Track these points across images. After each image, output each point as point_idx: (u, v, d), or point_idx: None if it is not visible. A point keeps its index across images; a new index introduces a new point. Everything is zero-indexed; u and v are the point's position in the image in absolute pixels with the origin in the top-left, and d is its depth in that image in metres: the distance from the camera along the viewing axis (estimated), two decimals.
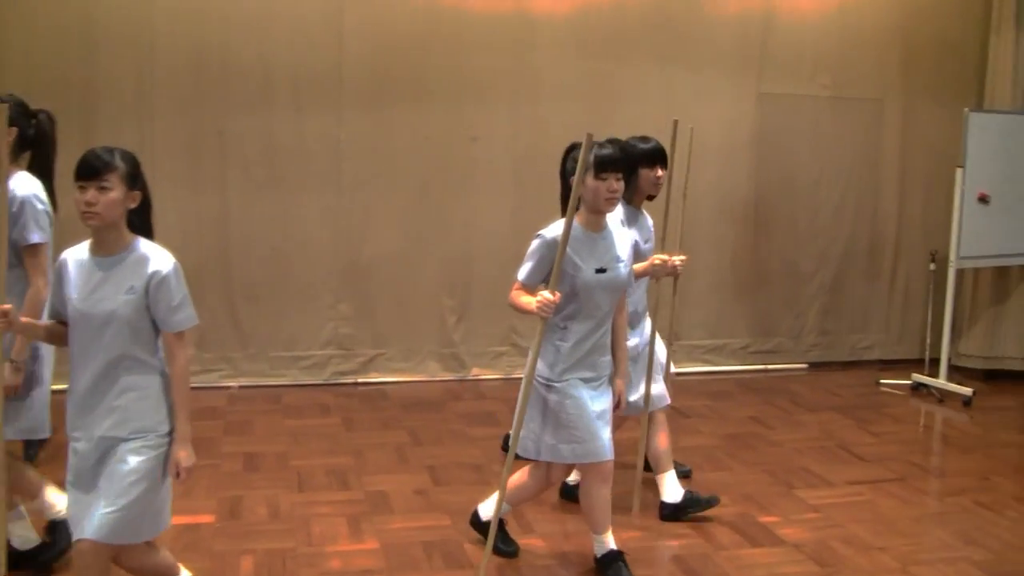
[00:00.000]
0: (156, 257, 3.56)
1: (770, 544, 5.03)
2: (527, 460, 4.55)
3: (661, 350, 5.52)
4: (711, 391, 7.92)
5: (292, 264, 7.66)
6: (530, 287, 4.30)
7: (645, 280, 5.22)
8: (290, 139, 7.55)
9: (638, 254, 4.95)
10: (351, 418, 6.95)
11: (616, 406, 4.49)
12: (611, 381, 4.46)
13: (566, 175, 4.54)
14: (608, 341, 4.42)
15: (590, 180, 4.23)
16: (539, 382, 4.35)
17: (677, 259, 5.10)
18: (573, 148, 4.40)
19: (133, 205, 3.57)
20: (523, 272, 4.36)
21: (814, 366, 8.91)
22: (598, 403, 4.34)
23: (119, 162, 3.54)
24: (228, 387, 7.56)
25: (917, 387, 8.22)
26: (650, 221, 5.34)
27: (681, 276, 5.32)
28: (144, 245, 3.59)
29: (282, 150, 7.55)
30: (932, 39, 8.87)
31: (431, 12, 7.68)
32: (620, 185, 4.27)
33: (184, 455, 3.59)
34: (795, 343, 8.89)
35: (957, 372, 8.66)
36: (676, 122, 4.47)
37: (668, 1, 8.18)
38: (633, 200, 5.21)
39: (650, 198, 5.32)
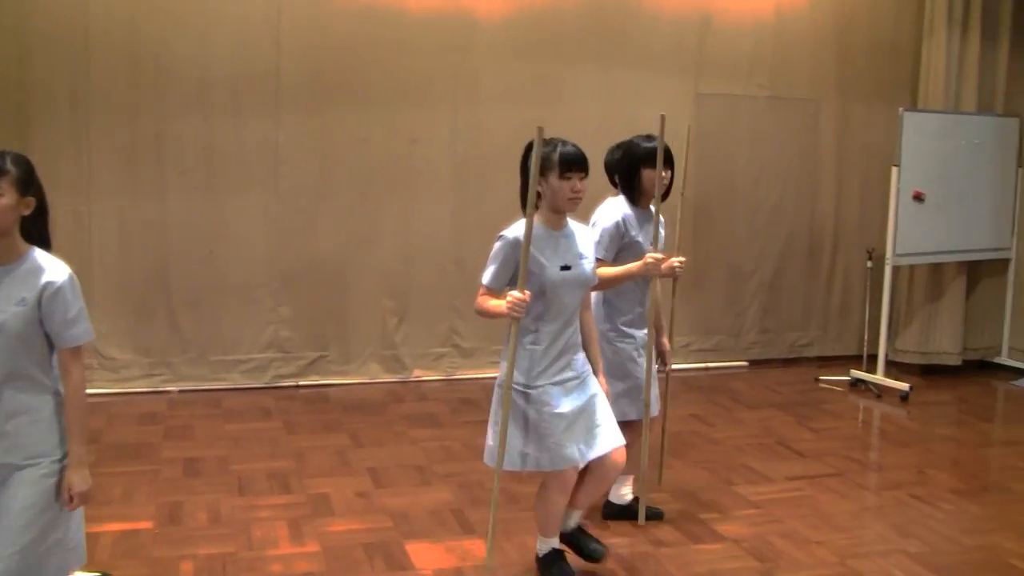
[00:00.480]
0: (50, 268, 3.32)
1: (711, 540, 5.07)
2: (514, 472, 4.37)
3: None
4: None
5: (231, 268, 7.61)
6: (496, 290, 4.20)
7: (647, 280, 4.99)
8: (228, 142, 7.50)
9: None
10: (292, 421, 6.92)
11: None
12: (592, 375, 4.38)
13: (527, 171, 4.44)
14: (578, 339, 4.34)
15: (553, 179, 4.17)
16: (515, 389, 4.19)
17: (676, 260, 5.04)
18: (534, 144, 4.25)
19: (27, 212, 3.30)
20: (487, 275, 4.23)
21: (754, 364, 8.99)
22: (575, 403, 4.23)
23: (10, 166, 3.24)
24: (168, 392, 7.50)
25: (855, 383, 8.32)
26: (663, 221, 5.13)
27: (680, 278, 5.33)
28: (39, 255, 3.34)
29: (220, 153, 7.49)
30: (867, 41, 8.99)
31: (370, 15, 7.66)
32: (583, 185, 4.20)
33: (77, 479, 3.32)
34: (735, 341, 8.96)
35: (894, 368, 8.78)
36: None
37: (605, 3, 8.22)
38: (640, 202, 5.05)
39: (663, 198, 5.02)
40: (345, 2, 7.60)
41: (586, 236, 4.42)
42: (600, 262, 4.77)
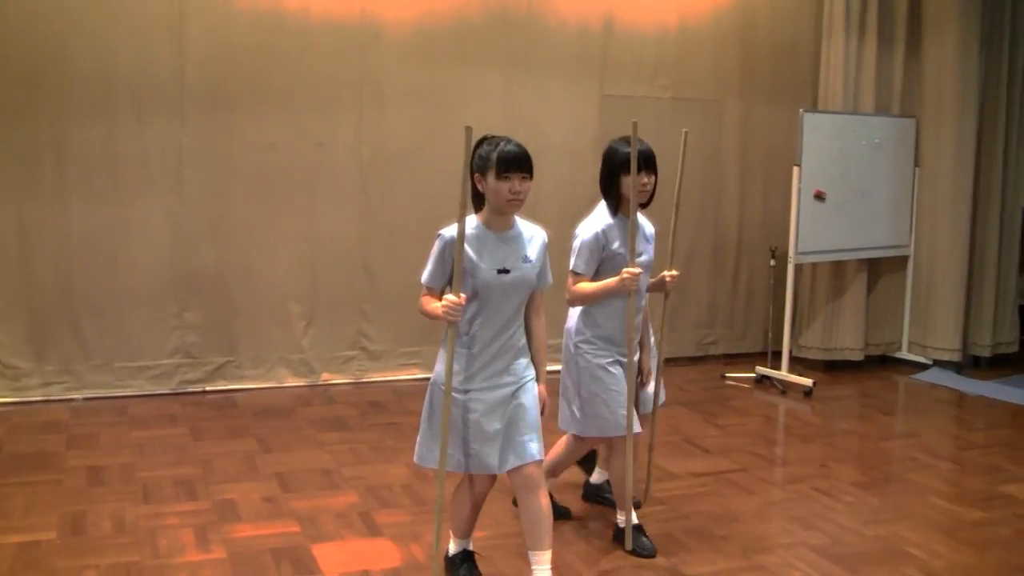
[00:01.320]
0: None
1: (618, 539, 5.11)
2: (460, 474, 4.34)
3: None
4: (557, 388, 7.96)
5: (136, 273, 7.50)
6: (435, 289, 4.11)
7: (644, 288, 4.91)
8: (131, 147, 7.38)
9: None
10: (199, 427, 6.84)
11: (541, 412, 4.25)
12: (533, 383, 4.24)
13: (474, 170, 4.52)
14: (521, 344, 4.19)
15: (492, 179, 4.00)
16: (442, 390, 4.07)
17: (667, 274, 4.94)
18: (483, 142, 4.12)
19: None
20: (425, 274, 4.15)
21: (664, 361, 9.05)
22: (504, 410, 4.11)
23: None
24: (72, 400, 7.37)
25: (761, 379, 8.46)
26: (649, 230, 4.96)
27: (673, 292, 5.14)
28: None
29: (123, 159, 7.37)
30: (768, 43, 9.15)
31: (274, 19, 7.61)
32: (525, 186, 4.02)
33: None
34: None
35: (798, 364, 8.94)
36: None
37: (509, 7, 8.26)
38: (620, 210, 4.78)
39: (643, 207, 4.82)
40: (249, 5, 7.53)
41: (538, 240, 4.21)
42: (578, 276, 4.70)
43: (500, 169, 3.98)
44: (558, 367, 5.04)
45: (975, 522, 5.50)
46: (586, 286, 4.69)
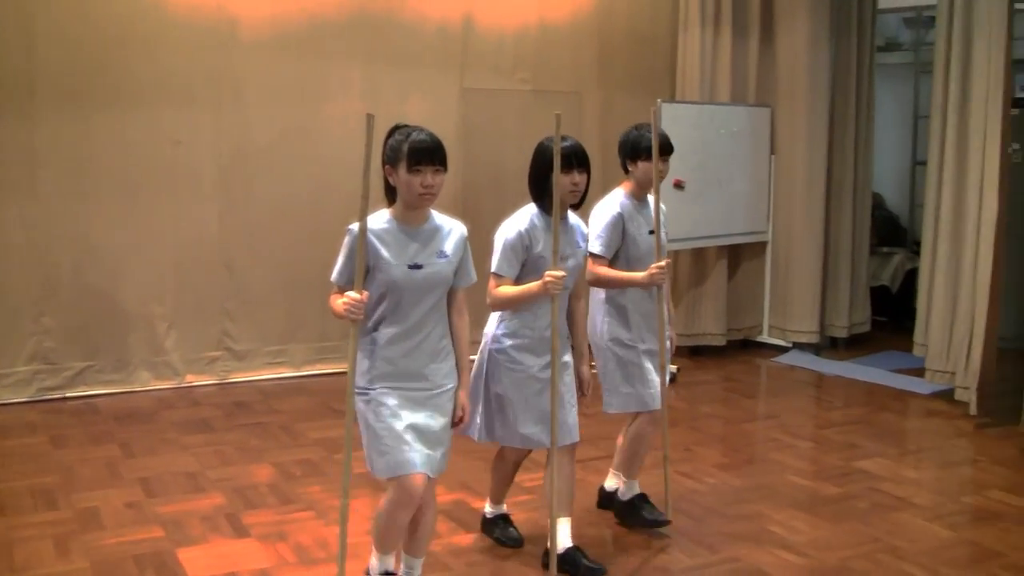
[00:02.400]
0: None
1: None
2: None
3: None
4: None
5: None
6: (346, 288, 3.84)
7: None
8: None
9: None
10: (59, 435, 6.66)
11: (458, 422, 4.05)
12: (454, 391, 4.03)
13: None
14: (440, 346, 3.95)
15: (402, 172, 3.77)
16: (356, 393, 3.88)
17: (655, 266, 4.76)
18: (394, 131, 3.89)
19: None
20: (334, 272, 3.91)
21: None
22: (418, 412, 3.88)
23: None
24: None
25: None
26: (579, 232, 4.66)
27: (664, 284, 4.90)
28: None
29: None
30: (626, 35, 9.26)
31: (128, 13, 7.43)
32: (439, 179, 3.80)
33: None
34: None
35: None
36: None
37: (367, 2, 8.21)
38: (551, 210, 4.39)
39: (574, 207, 4.63)
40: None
41: (456, 234, 4.01)
42: (499, 279, 4.43)
43: (411, 162, 3.76)
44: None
45: (832, 497, 5.67)
46: (507, 290, 4.42)
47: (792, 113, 9.19)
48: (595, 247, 4.84)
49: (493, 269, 4.47)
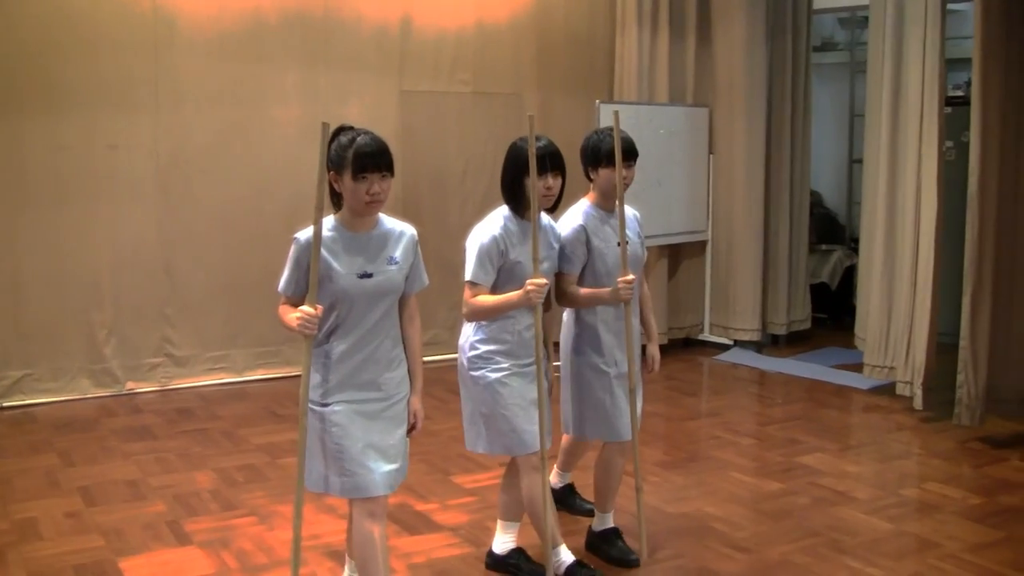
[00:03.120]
0: None
1: (428, 530, 5.15)
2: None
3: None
4: None
5: None
6: (294, 299, 3.71)
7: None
8: None
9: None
10: None
11: (411, 429, 3.95)
12: (407, 400, 3.92)
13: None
14: (392, 355, 3.81)
15: (347, 179, 3.60)
16: (310, 408, 3.71)
17: (621, 281, 4.47)
18: (338, 134, 3.68)
19: None
20: (281, 282, 3.75)
21: None
22: (373, 427, 3.76)
23: None
24: None
25: None
26: (552, 234, 4.49)
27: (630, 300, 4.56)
28: None
29: None
30: (564, 36, 9.29)
31: (61, 14, 7.34)
32: (385, 185, 3.63)
33: None
34: (451, 334, 9.06)
35: None
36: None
37: (305, 4, 8.18)
38: (526, 213, 4.26)
39: (549, 211, 4.44)
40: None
41: (405, 238, 3.84)
42: (475, 287, 4.23)
43: (356, 168, 3.58)
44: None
45: (774, 493, 5.73)
46: (486, 299, 4.22)
47: (730, 113, 9.26)
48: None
49: (468, 277, 4.24)
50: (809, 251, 9.93)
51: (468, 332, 4.40)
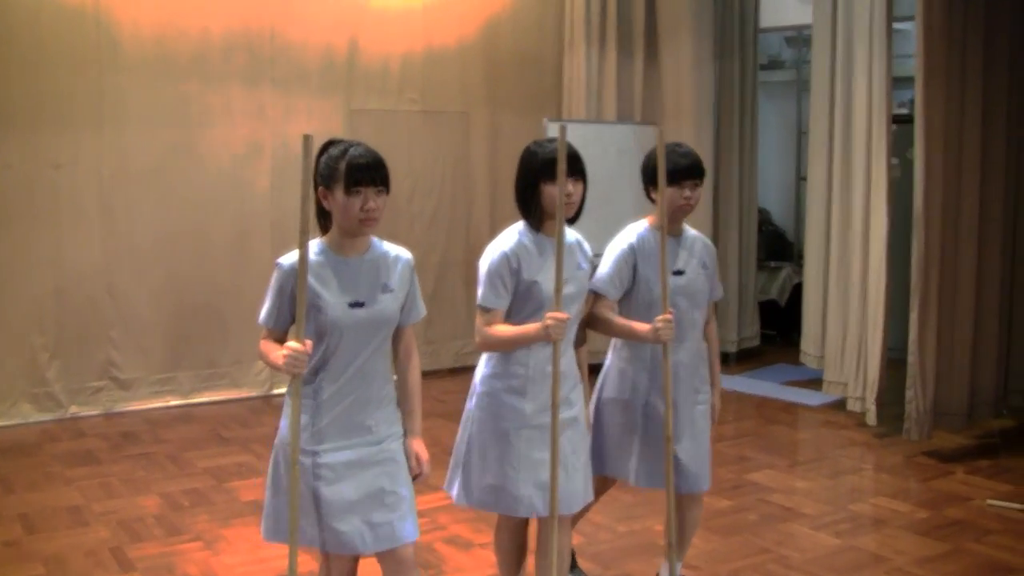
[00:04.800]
0: None
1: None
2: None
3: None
4: None
5: None
6: (277, 332, 3.39)
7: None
8: None
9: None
10: None
11: (416, 475, 3.56)
12: (402, 443, 3.54)
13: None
14: (383, 393, 3.47)
15: (339, 194, 3.28)
16: (287, 452, 3.34)
17: (661, 319, 3.94)
18: (328, 147, 3.41)
19: None
20: (262, 313, 3.40)
21: (423, 374, 9.08)
22: (364, 478, 3.40)
23: None
24: None
25: None
26: (580, 253, 4.04)
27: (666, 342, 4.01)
28: None
29: None
30: (513, 55, 9.30)
31: (2, 31, 7.24)
32: (381, 201, 3.33)
33: None
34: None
35: None
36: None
37: (251, 23, 8.14)
38: (543, 226, 3.87)
39: (570, 222, 3.94)
40: None
41: (402, 263, 3.52)
42: (488, 312, 3.76)
43: (349, 182, 3.27)
44: None
45: (723, 510, 5.75)
46: (502, 330, 3.74)
47: (678, 131, 9.28)
48: (597, 284, 4.17)
49: (479, 302, 3.79)
50: (758, 268, 10.00)
51: (481, 366, 3.95)
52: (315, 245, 3.39)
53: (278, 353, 3.22)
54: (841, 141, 7.82)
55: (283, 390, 8.17)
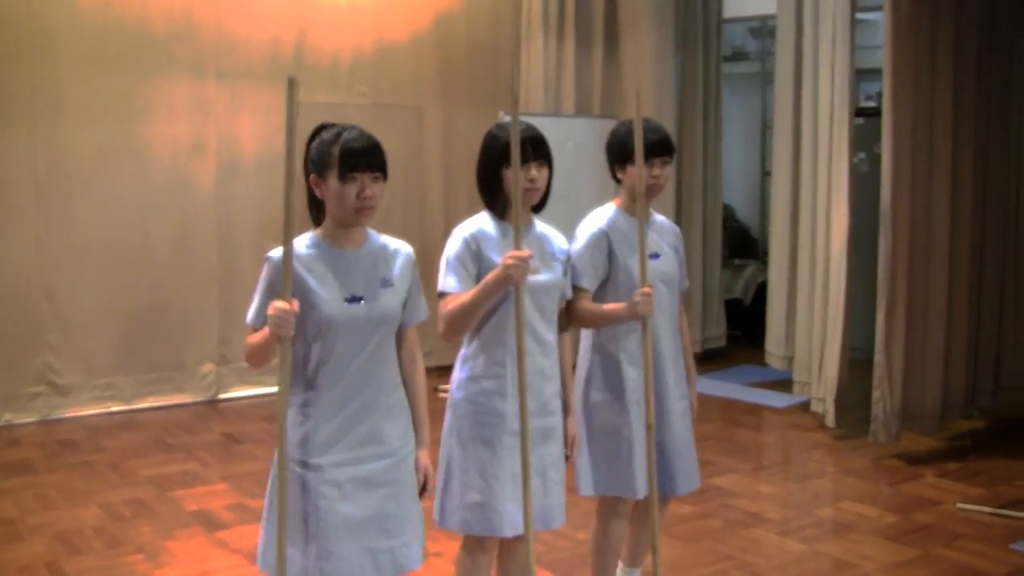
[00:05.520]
0: None
1: None
2: None
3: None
4: (265, 414, 7.86)
5: None
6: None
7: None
8: None
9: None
10: None
11: (423, 490, 3.36)
12: (412, 453, 3.33)
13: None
14: (394, 401, 3.25)
15: (333, 181, 3.13)
16: (290, 467, 3.12)
17: (639, 293, 3.85)
18: (319, 132, 3.31)
19: None
20: (250, 312, 3.20)
21: None
22: (369, 496, 3.18)
23: None
24: None
25: None
26: (553, 243, 3.93)
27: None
28: None
29: None
30: (467, 46, 9.31)
31: None
32: (378, 188, 3.16)
33: None
34: None
35: None
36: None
37: (195, 13, 8.09)
38: (506, 214, 3.74)
39: (535, 209, 3.87)
40: None
41: (402, 257, 3.35)
42: (449, 298, 3.61)
43: (343, 167, 3.12)
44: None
45: (687, 516, 5.76)
46: (458, 300, 3.58)
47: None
48: (571, 277, 3.97)
49: (439, 288, 3.64)
50: (722, 266, 10.06)
51: (456, 370, 3.76)
52: (307, 238, 3.25)
53: (268, 314, 2.99)
54: (807, 135, 7.86)
55: (231, 394, 8.30)
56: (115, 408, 7.92)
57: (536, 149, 3.71)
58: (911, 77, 6.97)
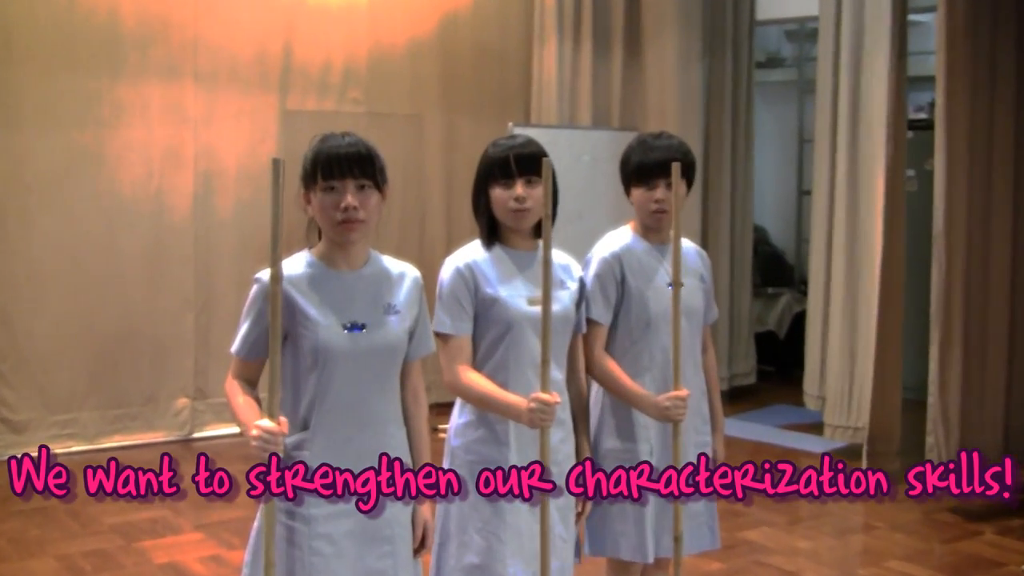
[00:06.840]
0: None
1: None
2: None
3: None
4: (245, 455, 7.70)
5: None
6: (252, 363, 3.12)
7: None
8: None
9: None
10: None
11: (420, 546, 3.26)
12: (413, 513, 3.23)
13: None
14: (395, 444, 3.15)
15: (317, 194, 3.09)
16: (278, 515, 3.02)
17: (668, 397, 3.68)
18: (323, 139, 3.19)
19: None
20: (236, 339, 3.11)
21: None
22: (372, 554, 3.10)
23: None
24: None
25: None
26: (567, 266, 3.84)
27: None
28: None
29: None
30: (473, 50, 9.26)
31: None
32: (363, 200, 3.08)
33: None
34: None
35: None
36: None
37: (170, 13, 8.04)
38: (500, 238, 3.66)
39: (537, 231, 3.69)
40: None
41: (408, 281, 3.25)
42: (447, 340, 3.49)
43: (323, 175, 3.03)
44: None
45: (715, 573, 5.66)
46: (479, 383, 3.44)
47: None
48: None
49: (433, 328, 3.44)
50: (753, 295, 9.96)
51: (455, 413, 3.64)
52: (304, 256, 3.16)
53: (248, 410, 3.00)
54: (849, 150, 7.75)
55: (207, 432, 8.22)
56: (76, 448, 7.83)
57: (523, 165, 3.53)
58: (967, 85, 6.88)
